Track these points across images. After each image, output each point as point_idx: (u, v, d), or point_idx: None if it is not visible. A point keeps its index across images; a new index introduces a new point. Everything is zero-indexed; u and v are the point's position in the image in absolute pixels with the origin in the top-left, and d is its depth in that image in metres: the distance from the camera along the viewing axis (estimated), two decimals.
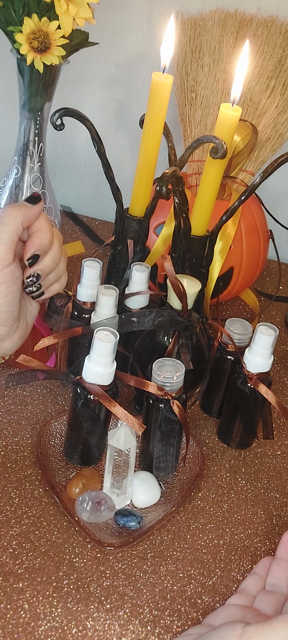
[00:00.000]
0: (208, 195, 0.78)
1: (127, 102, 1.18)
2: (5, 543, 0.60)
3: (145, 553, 0.62)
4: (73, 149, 1.23)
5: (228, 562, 0.63)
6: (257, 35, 0.94)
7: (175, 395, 0.66)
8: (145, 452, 0.69)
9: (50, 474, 0.66)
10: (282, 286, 1.11)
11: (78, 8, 0.79)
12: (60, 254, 0.64)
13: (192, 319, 0.73)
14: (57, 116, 0.75)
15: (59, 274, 0.65)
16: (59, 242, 0.64)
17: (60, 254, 0.64)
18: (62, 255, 0.65)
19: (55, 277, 0.65)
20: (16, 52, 0.82)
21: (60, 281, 0.66)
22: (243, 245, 0.95)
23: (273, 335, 0.70)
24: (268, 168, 0.76)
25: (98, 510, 0.63)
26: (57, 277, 0.65)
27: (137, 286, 0.78)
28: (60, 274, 0.65)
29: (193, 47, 0.95)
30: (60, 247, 0.64)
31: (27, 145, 0.92)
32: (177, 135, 0.96)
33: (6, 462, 0.69)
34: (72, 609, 0.56)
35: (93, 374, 0.64)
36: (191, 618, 0.58)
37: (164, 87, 0.73)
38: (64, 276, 0.66)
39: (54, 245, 0.63)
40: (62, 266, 0.65)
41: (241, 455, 0.76)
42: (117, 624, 0.56)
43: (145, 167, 0.78)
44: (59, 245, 0.64)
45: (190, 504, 0.68)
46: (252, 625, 0.48)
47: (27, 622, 0.55)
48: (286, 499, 0.71)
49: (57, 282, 0.65)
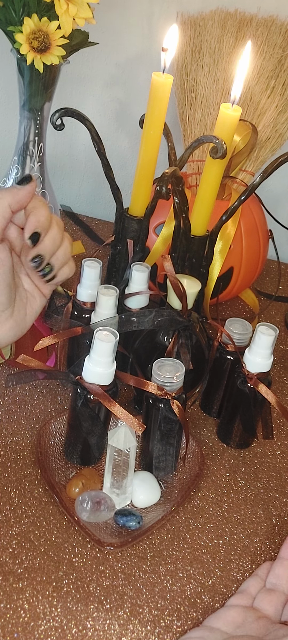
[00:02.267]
0: (208, 195, 0.78)
1: (127, 102, 1.18)
2: (4, 543, 0.60)
3: (145, 553, 0.62)
4: (73, 149, 1.23)
5: (228, 562, 0.63)
6: (257, 35, 0.94)
7: (175, 395, 0.66)
8: (145, 452, 0.69)
9: (50, 474, 0.66)
10: (282, 286, 1.11)
11: (78, 8, 0.79)
12: (61, 236, 0.62)
13: (191, 319, 0.73)
14: (57, 116, 0.75)
15: (67, 255, 0.62)
16: (59, 225, 0.63)
17: (61, 236, 0.62)
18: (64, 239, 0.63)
19: (65, 258, 0.62)
20: (16, 52, 0.82)
21: (69, 264, 0.63)
22: (243, 245, 0.95)
23: (273, 335, 0.70)
24: (268, 168, 0.76)
25: (98, 510, 0.63)
26: (66, 258, 0.62)
27: (137, 286, 0.78)
28: (68, 256, 0.63)
29: (193, 47, 0.96)
30: (60, 229, 0.62)
31: (27, 145, 0.92)
32: (177, 135, 0.96)
33: (6, 461, 0.69)
34: (72, 608, 0.56)
35: (93, 373, 0.64)
36: (191, 618, 0.58)
37: (164, 87, 0.73)
38: (72, 261, 0.64)
39: (52, 226, 0.62)
40: (68, 248, 0.62)
41: (241, 455, 0.76)
42: (117, 623, 0.56)
43: (145, 167, 0.78)
44: (59, 228, 0.62)
45: (189, 504, 0.68)
46: None
47: (26, 621, 0.55)
48: (286, 499, 0.71)
49: (66, 266, 0.63)
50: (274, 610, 0.56)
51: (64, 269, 0.63)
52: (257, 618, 0.55)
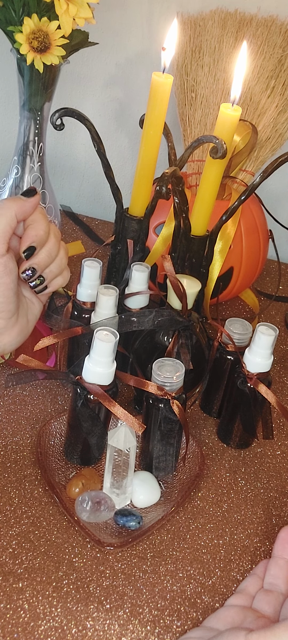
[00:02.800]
0: (208, 195, 0.78)
1: (127, 102, 1.18)
2: (4, 543, 0.60)
3: (145, 553, 0.62)
4: (73, 149, 1.23)
5: (228, 562, 0.63)
6: (257, 35, 0.94)
7: (175, 395, 0.66)
8: (145, 452, 0.69)
9: (50, 474, 0.66)
10: (282, 286, 1.11)
11: (78, 8, 0.79)
12: (57, 248, 0.64)
13: (191, 319, 0.73)
14: (57, 116, 0.75)
15: (61, 267, 0.64)
16: (56, 237, 0.64)
17: (57, 248, 0.64)
18: (60, 250, 0.64)
19: (58, 270, 0.64)
20: (16, 52, 0.82)
21: (63, 275, 0.65)
22: (243, 245, 0.95)
23: (273, 335, 0.70)
24: (268, 168, 0.76)
25: (98, 510, 0.63)
26: (59, 270, 0.64)
27: (137, 286, 0.78)
28: (63, 267, 0.65)
29: (193, 47, 0.96)
30: (57, 241, 0.64)
31: (27, 145, 0.92)
32: (177, 135, 0.96)
33: (6, 461, 0.69)
34: (72, 608, 0.56)
35: (93, 373, 0.64)
36: (191, 618, 0.58)
37: (164, 87, 0.73)
38: (67, 271, 0.66)
39: (50, 238, 0.62)
40: (64, 259, 0.64)
41: (241, 455, 0.76)
42: (117, 623, 0.56)
43: (145, 167, 0.78)
44: (56, 240, 0.63)
45: (189, 504, 0.68)
46: (254, 633, 0.49)
47: (26, 621, 0.55)
48: (286, 499, 0.71)
49: (60, 276, 0.65)
50: (273, 610, 0.56)
51: (57, 280, 0.65)
52: (256, 618, 0.55)
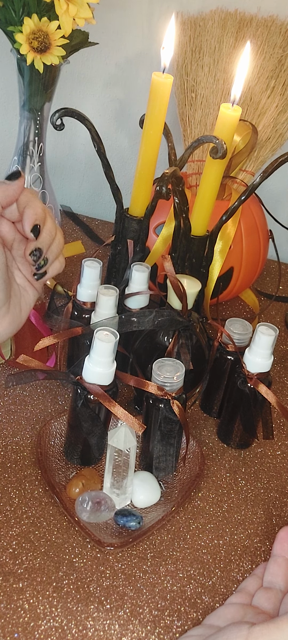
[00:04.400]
0: (208, 195, 0.78)
1: (127, 102, 1.18)
2: (5, 543, 0.60)
3: (145, 553, 0.62)
4: (73, 149, 1.23)
5: (228, 562, 0.63)
6: (257, 35, 0.94)
7: (175, 395, 0.66)
8: (145, 452, 0.69)
9: (50, 474, 0.66)
10: (282, 286, 1.11)
11: (78, 8, 0.79)
12: (55, 227, 0.62)
13: (192, 319, 0.73)
14: (57, 116, 0.75)
15: (59, 247, 0.63)
16: (51, 217, 0.63)
17: (55, 227, 0.62)
18: (56, 230, 0.63)
19: (58, 250, 0.62)
20: (16, 52, 0.82)
21: (60, 259, 0.64)
22: (243, 245, 0.95)
23: (273, 335, 0.70)
24: (268, 168, 0.76)
25: (98, 510, 0.63)
26: (59, 250, 0.63)
27: (137, 286, 0.78)
28: (61, 248, 0.64)
29: (193, 47, 0.96)
30: (53, 220, 0.63)
31: (27, 145, 0.92)
32: (177, 135, 0.96)
33: (6, 462, 0.69)
34: (72, 608, 0.56)
35: (93, 374, 0.64)
36: (191, 618, 0.58)
37: (164, 87, 0.73)
38: (62, 255, 0.65)
39: (46, 218, 0.62)
40: (61, 240, 0.63)
41: (241, 455, 0.76)
42: (117, 624, 0.56)
43: (145, 167, 0.78)
44: (52, 219, 0.63)
45: (190, 504, 0.68)
46: (257, 626, 0.48)
47: (27, 622, 0.55)
48: (286, 499, 0.71)
49: (57, 260, 0.64)
50: (272, 607, 0.57)
51: (55, 264, 0.63)
52: (256, 614, 0.55)
